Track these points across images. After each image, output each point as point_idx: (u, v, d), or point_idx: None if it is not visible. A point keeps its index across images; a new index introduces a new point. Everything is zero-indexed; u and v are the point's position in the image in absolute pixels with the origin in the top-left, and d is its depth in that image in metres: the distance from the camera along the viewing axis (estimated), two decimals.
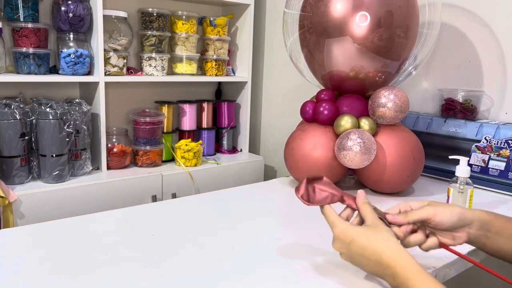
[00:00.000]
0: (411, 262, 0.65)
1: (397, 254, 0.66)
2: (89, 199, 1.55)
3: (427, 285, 0.62)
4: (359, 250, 0.68)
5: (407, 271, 0.64)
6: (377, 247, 0.67)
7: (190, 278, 0.75)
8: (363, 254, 0.68)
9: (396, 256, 0.66)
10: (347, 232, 0.70)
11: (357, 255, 0.69)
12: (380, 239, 0.68)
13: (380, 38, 1.18)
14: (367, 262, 0.68)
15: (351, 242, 0.69)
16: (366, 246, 0.68)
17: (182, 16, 1.92)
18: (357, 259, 0.70)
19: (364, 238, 0.69)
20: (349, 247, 0.69)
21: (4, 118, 1.44)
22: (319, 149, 1.22)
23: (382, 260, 0.66)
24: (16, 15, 1.54)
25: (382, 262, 0.66)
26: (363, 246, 0.68)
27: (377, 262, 0.67)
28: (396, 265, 0.65)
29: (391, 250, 0.66)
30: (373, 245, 0.67)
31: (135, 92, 2.00)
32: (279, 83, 2.16)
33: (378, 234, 0.69)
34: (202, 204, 1.16)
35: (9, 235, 0.93)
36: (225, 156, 2.07)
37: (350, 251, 0.70)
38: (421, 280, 0.63)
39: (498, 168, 1.28)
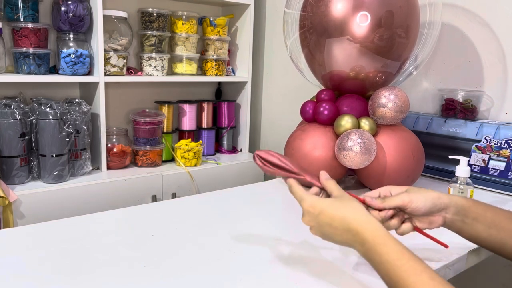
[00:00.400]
0: (380, 228, 0.66)
1: (366, 221, 0.67)
2: (89, 199, 1.55)
3: (396, 250, 0.63)
4: (328, 220, 0.69)
5: (376, 237, 0.65)
6: (345, 215, 0.68)
7: (190, 278, 0.75)
8: (331, 224, 0.69)
9: (365, 222, 0.67)
10: (316, 205, 0.71)
11: (326, 225, 0.70)
12: (348, 207, 0.69)
13: (381, 38, 1.18)
14: (336, 231, 0.69)
15: (319, 214, 0.70)
16: (334, 215, 0.69)
17: (182, 16, 1.92)
18: (326, 230, 0.70)
19: (332, 208, 0.70)
20: (318, 219, 0.70)
21: (4, 118, 1.44)
22: (319, 149, 1.22)
23: (351, 227, 0.67)
24: (16, 15, 1.54)
25: (350, 229, 0.67)
26: (331, 216, 0.69)
27: (346, 230, 0.68)
28: (364, 232, 0.66)
29: (359, 217, 0.68)
30: (341, 213, 0.69)
31: (135, 92, 2.00)
32: (279, 83, 2.16)
33: (346, 204, 0.70)
34: (202, 204, 1.16)
35: (9, 235, 0.93)
36: (225, 156, 2.07)
37: (319, 223, 0.70)
38: (390, 246, 0.63)
39: (498, 168, 1.28)
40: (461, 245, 0.89)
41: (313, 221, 0.71)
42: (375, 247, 0.64)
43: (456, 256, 0.86)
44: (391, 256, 0.63)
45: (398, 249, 0.63)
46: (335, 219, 0.69)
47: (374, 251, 0.64)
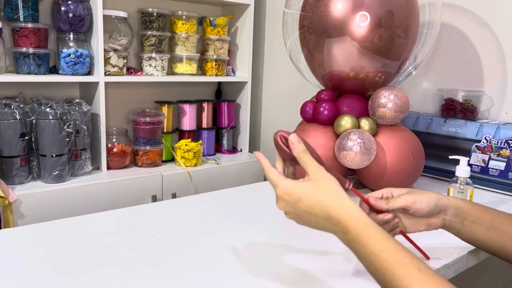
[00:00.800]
0: (362, 217, 0.62)
1: (348, 209, 0.63)
2: (89, 199, 1.55)
3: (380, 241, 0.60)
4: (307, 208, 0.65)
5: (359, 227, 0.61)
6: (326, 204, 0.64)
7: (190, 278, 0.75)
8: (310, 212, 0.65)
9: (347, 211, 0.63)
10: (292, 192, 0.66)
11: (305, 213, 0.65)
12: (328, 193, 0.65)
13: (380, 38, 1.18)
14: (315, 219, 0.65)
15: (297, 201, 0.65)
16: (313, 203, 0.64)
17: (182, 16, 1.92)
18: (304, 217, 0.66)
19: (310, 196, 0.65)
20: (296, 206, 0.66)
21: (4, 118, 1.44)
22: (319, 149, 1.22)
23: (331, 215, 0.63)
24: (16, 15, 1.54)
25: (331, 218, 0.63)
26: (310, 204, 0.65)
27: (327, 219, 0.64)
28: (346, 221, 0.62)
29: (340, 206, 0.63)
30: (321, 201, 0.64)
31: (135, 92, 2.00)
32: (279, 83, 2.16)
33: (325, 189, 0.65)
34: (202, 204, 1.16)
35: (9, 235, 0.93)
36: (225, 156, 2.07)
37: (297, 210, 0.66)
38: (375, 236, 0.60)
39: (498, 168, 1.28)
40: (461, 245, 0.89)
41: (290, 207, 0.67)
42: (359, 238, 0.61)
43: (456, 256, 0.86)
44: (376, 248, 0.59)
45: (383, 240, 0.60)
46: (314, 208, 0.64)
47: (357, 242, 0.61)
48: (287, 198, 0.66)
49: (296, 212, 0.66)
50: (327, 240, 0.93)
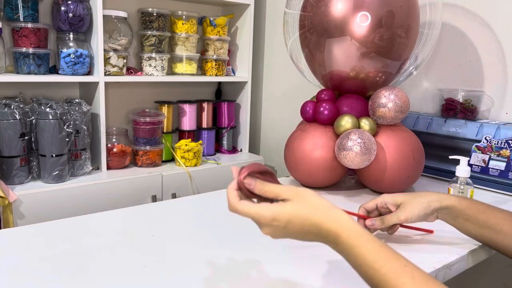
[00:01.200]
0: (352, 225, 0.61)
1: (336, 218, 0.61)
2: (89, 199, 1.55)
3: (372, 251, 0.59)
4: (297, 229, 0.62)
5: (350, 237, 0.60)
6: (315, 219, 0.61)
7: (190, 278, 0.75)
8: (301, 231, 0.62)
9: (336, 221, 0.61)
10: (279, 217, 0.62)
11: (295, 233, 0.63)
12: (314, 208, 0.62)
13: (381, 38, 1.18)
14: (306, 236, 0.63)
15: (287, 224, 0.62)
16: (302, 222, 0.62)
17: (182, 16, 1.92)
18: (294, 236, 0.64)
19: (297, 215, 0.62)
20: (285, 229, 0.62)
21: (4, 118, 1.44)
22: (319, 149, 1.22)
23: (322, 229, 0.61)
24: (16, 15, 1.54)
25: (322, 231, 0.61)
26: (300, 224, 0.62)
27: (318, 234, 0.62)
28: (336, 230, 0.61)
29: (328, 216, 0.61)
30: (310, 218, 0.62)
31: (135, 92, 2.00)
32: (279, 83, 2.16)
33: (309, 204, 0.63)
34: (202, 204, 1.16)
35: (9, 235, 0.93)
36: (225, 156, 2.07)
37: (287, 232, 0.63)
38: (366, 247, 0.59)
39: (498, 168, 1.28)
40: (461, 245, 0.89)
41: (279, 232, 0.63)
42: (349, 249, 0.60)
43: (456, 256, 0.86)
44: (367, 259, 0.59)
45: (374, 250, 0.59)
46: (304, 225, 0.62)
47: (349, 253, 0.60)
48: (275, 224, 0.62)
49: (285, 234, 0.64)
50: None
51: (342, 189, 1.31)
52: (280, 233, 0.63)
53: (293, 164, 1.28)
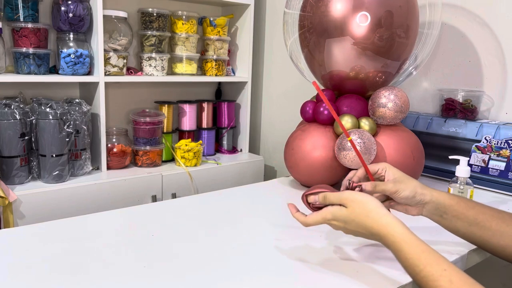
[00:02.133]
0: (399, 231, 0.69)
1: (386, 225, 0.70)
2: (89, 199, 1.55)
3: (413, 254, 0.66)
4: (353, 229, 0.75)
5: (395, 242, 0.68)
6: (366, 225, 0.73)
7: (190, 278, 0.75)
8: (357, 232, 0.75)
9: (385, 228, 0.70)
10: (338, 218, 0.76)
11: (354, 232, 0.76)
12: (366, 216, 0.73)
13: (381, 38, 1.18)
14: (363, 235, 0.75)
15: (345, 225, 0.75)
16: (356, 226, 0.74)
17: (182, 16, 1.92)
18: (354, 234, 0.76)
19: (352, 222, 0.74)
20: (345, 229, 0.76)
21: (4, 118, 1.44)
22: (319, 149, 1.22)
23: (373, 233, 0.72)
24: (16, 15, 1.54)
25: (373, 235, 0.72)
26: (354, 227, 0.74)
27: (370, 236, 0.73)
28: (385, 236, 0.70)
29: (379, 224, 0.71)
30: (361, 224, 0.73)
31: (135, 92, 2.00)
32: (279, 83, 2.16)
33: (362, 211, 0.73)
34: (202, 204, 1.16)
35: (9, 235, 0.93)
36: (225, 156, 2.07)
37: (347, 230, 0.76)
38: (408, 250, 0.66)
39: (498, 168, 1.28)
40: (461, 245, 0.89)
41: (341, 229, 0.77)
42: (396, 252, 0.68)
43: (455, 256, 0.86)
44: (410, 262, 0.65)
45: (417, 254, 0.65)
46: (358, 229, 0.74)
47: (395, 255, 0.69)
48: (335, 223, 0.77)
49: (347, 231, 0.77)
50: (328, 239, 0.93)
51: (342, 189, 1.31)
52: (343, 230, 0.77)
53: (293, 164, 1.28)
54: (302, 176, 1.28)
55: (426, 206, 0.82)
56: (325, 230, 0.98)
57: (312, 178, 1.25)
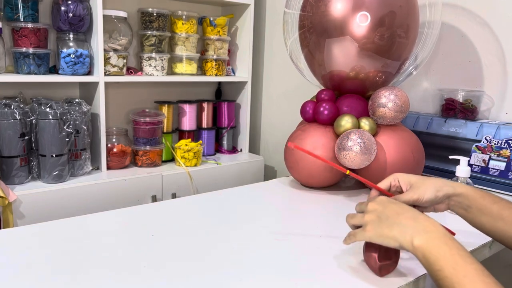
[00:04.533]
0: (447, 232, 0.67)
1: (434, 221, 0.69)
2: (89, 199, 1.55)
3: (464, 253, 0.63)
4: (397, 207, 0.72)
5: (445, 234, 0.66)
6: (415, 211, 0.71)
7: (190, 278, 0.75)
8: (398, 210, 0.72)
9: (432, 221, 0.69)
10: (391, 199, 0.76)
11: (392, 209, 0.72)
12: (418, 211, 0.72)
13: (381, 38, 1.18)
14: (398, 215, 0.71)
15: (392, 202, 0.74)
16: (406, 208, 0.72)
17: (182, 16, 1.92)
18: (388, 212, 0.72)
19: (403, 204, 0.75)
20: (389, 204, 0.73)
21: (4, 118, 1.44)
22: (319, 149, 1.22)
23: (419, 216, 0.69)
24: (16, 15, 1.54)
25: (417, 217, 0.69)
26: (402, 206, 0.73)
27: (411, 217, 0.70)
28: (430, 223, 0.68)
29: (428, 217, 0.70)
30: (412, 209, 0.72)
31: (135, 92, 2.00)
32: (279, 83, 2.16)
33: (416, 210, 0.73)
34: (202, 204, 1.16)
35: (9, 235, 0.93)
36: (225, 156, 2.07)
37: (386, 207, 0.73)
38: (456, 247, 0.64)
39: (498, 168, 1.28)
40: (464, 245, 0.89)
41: (381, 205, 0.74)
42: (445, 239, 0.65)
43: None
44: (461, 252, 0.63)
45: (468, 252, 0.63)
46: (404, 208, 0.72)
47: (443, 242, 0.65)
48: (385, 200, 0.75)
49: (383, 209, 0.73)
50: (328, 239, 0.93)
51: (342, 189, 1.31)
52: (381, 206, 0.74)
53: (293, 164, 1.28)
54: (302, 176, 1.27)
55: (451, 200, 0.80)
56: (326, 231, 0.98)
57: (312, 178, 1.25)
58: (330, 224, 1.03)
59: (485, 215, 0.77)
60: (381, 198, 0.75)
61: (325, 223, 1.04)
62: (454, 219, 0.86)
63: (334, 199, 1.22)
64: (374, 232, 0.72)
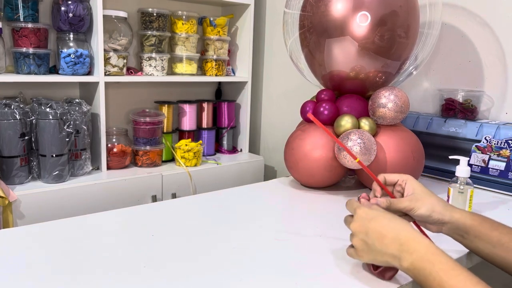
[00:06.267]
0: (432, 245, 0.67)
1: (418, 237, 0.68)
2: (89, 199, 1.55)
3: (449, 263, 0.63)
4: (378, 227, 0.71)
5: (430, 249, 0.66)
6: (396, 225, 0.70)
7: (190, 278, 0.75)
8: (381, 231, 0.70)
9: (417, 237, 0.68)
10: (369, 212, 0.73)
11: (375, 232, 0.71)
12: (401, 222, 0.71)
13: (381, 38, 1.18)
14: (383, 239, 0.70)
15: (372, 220, 0.72)
16: (386, 223, 0.71)
17: (182, 16, 1.92)
18: (372, 237, 0.71)
19: (385, 217, 0.72)
20: (369, 225, 0.72)
21: (4, 118, 1.44)
22: (319, 149, 1.22)
23: (401, 237, 0.68)
24: (16, 15, 1.54)
25: (400, 238, 0.68)
26: (383, 224, 0.71)
27: (395, 239, 0.69)
28: (414, 241, 0.67)
29: (411, 232, 0.69)
30: (393, 223, 0.71)
31: (135, 92, 2.00)
32: (279, 83, 2.16)
33: (399, 219, 0.72)
34: (202, 204, 1.16)
35: (9, 235, 0.93)
36: (225, 156, 2.07)
37: (368, 229, 0.72)
38: (443, 258, 0.64)
39: (498, 168, 1.28)
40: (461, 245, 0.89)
41: (363, 226, 0.72)
42: (428, 256, 0.65)
43: (456, 256, 0.86)
44: (444, 266, 0.63)
45: (452, 263, 0.63)
46: (385, 227, 0.70)
47: (426, 260, 0.65)
48: (364, 216, 0.73)
49: (365, 232, 0.72)
50: (328, 240, 0.93)
51: (342, 189, 1.32)
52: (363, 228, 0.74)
53: (293, 164, 1.28)
54: (302, 176, 1.27)
55: (445, 226, 0.79)
56: (326, 231, 0.98)
57: (312, 178, 1.25)
58: (330, 224, 1.03)
59: (483, 241, 0.76)
60: (360, 215, 0.74)
61: (325, 223, 1.04)
62: None
63: (334, 199, 1.22)
64: (367, 258, 0.73)
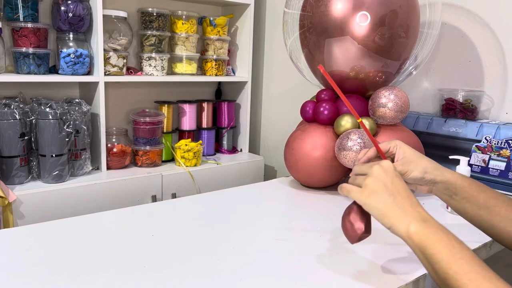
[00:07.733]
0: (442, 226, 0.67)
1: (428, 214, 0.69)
2: (89, 199, 1.55)
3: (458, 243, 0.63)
4: (402, 186, 0.70)
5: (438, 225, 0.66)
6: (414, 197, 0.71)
7: (190, 278, 0.75)
8: (406, 189, 0.70)
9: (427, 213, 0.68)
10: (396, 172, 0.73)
11: (400, 185, 0.70)
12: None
13: (381, 37, 1.18)
14: (400, 196, 0.69)
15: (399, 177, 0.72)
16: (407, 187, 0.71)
17: (182, 16, 1.92)
18: (397, 185, 0.70)
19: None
20: (396, 177, 0.71)
21: (4, 118, 1.44)
22: (319, 149, 1.22)
23: (418, 206, 0.69)
24: (16, 15, 1.54)
25: (417, 206, 0.68)
26: (405, 186, 0.71)
27: (412, 204, 0.68)
28: (429, 215, 0.68)
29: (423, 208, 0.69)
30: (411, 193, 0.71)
31: (135, 92, 2.00)
32: (279, 83, 2.16)
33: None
34: (202, 204, 1.16)
35: (9, 235, 0.93)
36: (225, 156, 2.07)
37: (394, 179, 0.71)
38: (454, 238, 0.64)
39: (498, 168, 1.28)
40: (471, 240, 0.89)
41: (389, 173, 0.71)
42: (440, 226, 0.65)
43: None
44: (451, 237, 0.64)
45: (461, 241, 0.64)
46: (407, 190, 0.70)
47: (437, 228, 0.65)
48: (391, 169, 0.72)
49: (392, 179, 0.71)
50: (328, 240, 0.93)
51: None
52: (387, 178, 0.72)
53: (293, 164, 1.28)
54: (302, 176, 1.27)
55: (436, 185, 0.80)
56: (326, 231, 0.98)
57: (312, 178, 1.25)
58: (330, 224, 1.03)
59: (469, 203, 0.78)
60: (389, 166, 0.72)
61: (325, 223, 1.04)
62: (454, 217, 0.86)
63: (334, 199, 1.22)
64: (371, 201, 0.70)
